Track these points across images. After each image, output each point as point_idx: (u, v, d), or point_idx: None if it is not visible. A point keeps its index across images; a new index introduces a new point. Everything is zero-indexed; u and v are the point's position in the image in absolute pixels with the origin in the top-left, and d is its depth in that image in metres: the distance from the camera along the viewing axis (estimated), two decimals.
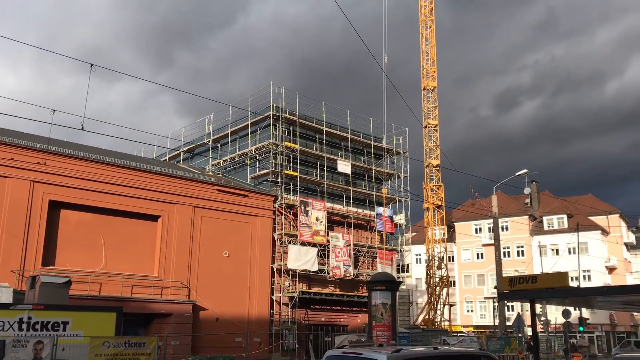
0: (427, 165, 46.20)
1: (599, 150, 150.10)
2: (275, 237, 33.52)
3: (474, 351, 13.38)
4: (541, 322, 41.33)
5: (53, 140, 26.57)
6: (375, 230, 38.75)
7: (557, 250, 59.61)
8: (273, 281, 32.98)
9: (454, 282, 62.21)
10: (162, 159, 42.45)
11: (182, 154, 42.05)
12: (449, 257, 57.76)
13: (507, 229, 61.15)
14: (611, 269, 59.20)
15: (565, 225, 60.52)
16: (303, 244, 33.81)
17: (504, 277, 17.71)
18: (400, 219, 40.84)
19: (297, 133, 35.85)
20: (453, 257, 63.98)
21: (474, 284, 63.83)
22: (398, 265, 40.31)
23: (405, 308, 39.27)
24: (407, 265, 47.38)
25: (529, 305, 15.00)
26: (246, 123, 36.29)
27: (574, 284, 44.86)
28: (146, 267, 28.32)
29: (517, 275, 17.78)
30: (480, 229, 64.41)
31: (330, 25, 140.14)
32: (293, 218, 34.53)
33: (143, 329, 26.75)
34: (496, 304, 43.45)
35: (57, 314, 15.23)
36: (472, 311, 63.53)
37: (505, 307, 40.92)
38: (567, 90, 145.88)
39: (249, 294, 31.47)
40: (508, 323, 37.64)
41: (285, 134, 35.27)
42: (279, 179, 34.18)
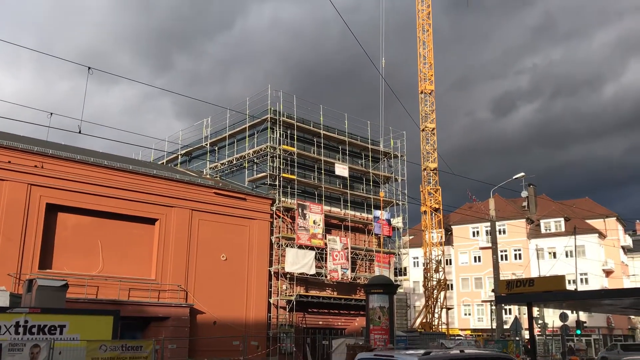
0: (425, 169, 46.31)
1: (597, 154, 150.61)
2: (273, 240, 33.50)
3: (498, 354, 13.66)
4: (538, 325, 41.32)
5: (50, 143, 26.59)
6: (372, 234, 38.75)
7: (554, 254, 59.72)
8: (270, 284, 32.94)
9: (452, 285, 62.26)
10: (159, 162, 42.43)
11: (180, 157, 42.02)
12: (447, 260, 57.73)
13: (504, 232, 61.25)
14: (608, 272, 59.35)
15: (563, 229, 60.63)
16: (300, 247, 33.79)
17: (502, 280, 17.71)
18: (397, 222, 40.87)
19: (295, 136, 35.87)
20: (450, 260, 64.02)
21: (471, 287, 63.86)
22: (395, 269, 40.32)
23: (402, 311, 39.29)
24: (405, 268, 47.47)
25: (526, 309, 15.03)
26: (244, 126, 36.31)
27: (571, 287, 44.96)
28: (143, 270, 28.26)
29: (515, 278, 17.79)
30: (478, 232, 64.49)
31: (328, 29, 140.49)
32: (290, 221, 34.52)
33: (140, 333, 26.67)
34: (494, 307, 43.46)
35: (54, 317, 15.19)
36: (469, 314, 63.55)
37: (503, 311, 40.95)
38: (565, 93, 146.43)
39: (246, 297, 31.42)
40: (505, 326, 37.63)
41: (282, 137, 35.30)
42: (277, 182, 34.18)
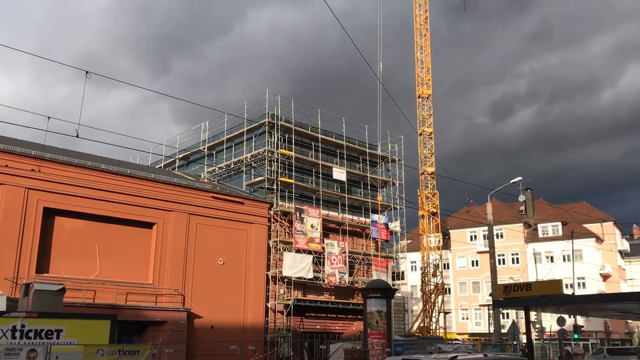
0: (422, 173, 46.37)
1: (594, 158, 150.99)
2: (271, 244, 33.48)
3: (518, 359, 13.91)
4: (536, 330, 41.29)
5: (48, 147, 26.55)
6: (370, 238, 38.77)
7: (551, 258, 59.76)
8: (268, 289, 32.90)
9: (449, 289, 62.22)
10: (157, 166, 42.41)
11: (178, 161, 42.02)
12: (444, 264, 57.78)
13: (502, 236, 61.31)
14: (605, 277, 59.38)
15: (560, 233, 60.69)
16: (298, 251, 33.78)
17: (499, 284, 17.72)
18: (395, 226, 40.91)
19: (293, 140, 35.91)
20: (448, 264, 64.03)
21: (469, 291, 63.86)
22: (393, 273, 40.33)
23: (400, 315, 39.22)
24: (403, 272, 47.44)
25: (523, 313, 15.05)
26: (242, 130, 36.33)
27: (568, 292, 44.90)
28: (141, 274, 28.20)
29: (512, 282, 17.81)
30: (475, 236, 64.53)
31: (326, 33, 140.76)
32: (288, 225, 34.52)
33: (137, 337, 26.61)
34: (491, 312, 43.47)
35: (51, 321, 15.12)
36: (467, 319, 63.52)
37: (501, 315, 40.93)
38: (563, 98, 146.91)
39: (243, 301, 31.37)
40: (503, 330, 37.68)
41: (280, 141, 35.32)
42: (274, 186, 34.19)
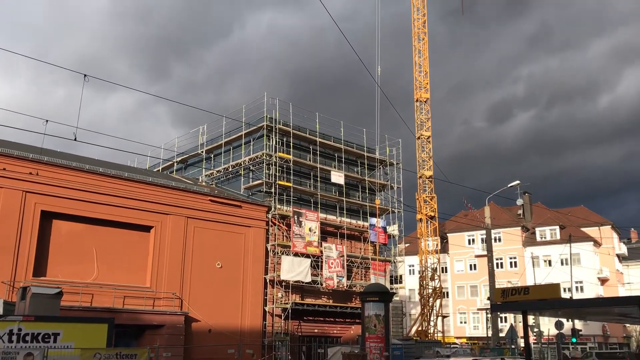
0: (420, 177, 46.40)
1: (592, 162, 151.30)
2: (269, 247, 33.45)
3: None
4: (534, 334, 41.29)
5: (46, 150, 26.50)
6: (368, 241, 38.74)
7: (549, 262, 59.79)
8: (266, 292, 32.86)
9: (447, 293, 62.19)
10: (155, 170, 42.38)
11: (176, 164, 42.00)
12: (442, 268, 57.72)
13: (499, 240, 61.32)
14: (603, 281, 59.43)
15: (558, 237, 60.74)
16: (296, 254, 33.75)
17: (497, 288, 17.73)
18: (393, 229, 40.91)
19: (291, 144, 35.91)
20: (446, 268, 63.99)
21: (467, 295, 63.82)
22: (391, 276, 40.32)
23: (398, 319, 39.18)
24: (401, 276, 47.39)
25: (521, 317, 15.05)
26: (240, 134, 36.34)
27: (566, 296, 44.99)
28: (138, 278, 28.16)
29: (510, 286, 17.81)
30: (473, 240, 64.54)
31: (325, 36, 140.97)
32: (286, 229, 34.49)
33: (135, 341, 26.54)
34: (489, 315, 43.45)
35: (48, 325, 15.08)
36: (465, 322, 63.47)
37: (499, 319, 40.94)
38: (561, 102, 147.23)
39: (241, 305, 31.31)
40: (501, 334, 37.65)
41: (278, 144, 35.35)
42: (273, 190, 34.18)
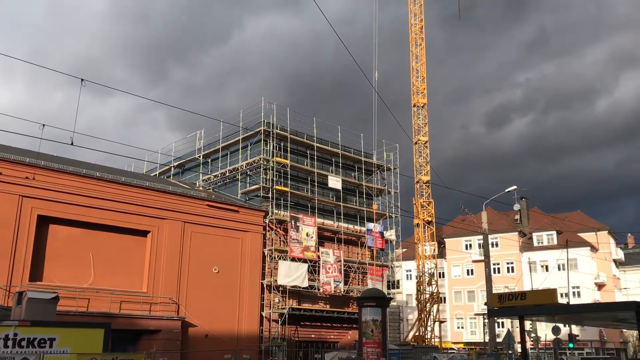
0: (418, 182, 46.40)
1: (589, 167, 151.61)
2: (266, 252, 33.41)
3: None
4: (531, 339, 41.26)
5: (42, 154, 26.49)
6: (365, 246, 38.74)
7: (546, 267, 59.80)
8: (263, 297, 32.80)
9: (444, 298, 62.13)
10: (152, 174, 42.34)
11: (173, 169, 41.96)
12: (439, 273, 57.70)
13: (497, 245, 61.32)
14: (600, 286, 59.45)
15: (555, 242, 60.77)
16: (293, 259, 33.71)
17: (494, 293, 17.74)
18: (390, 234, 40.89)
19: (288, 149, 35.94)
20: (443, 273, 63.94)
21: (464, 300, 63.76)
22: (388, 282, 40.26)
23: (395, 324, 39.17)
24: (398, 281, 47.32)
25: (518, 322, 15.06)
26: (237, 138, 36.35)
27: (563, 301, 45.01)
28: (135, 283, 28.09)
29: (507, 291, 17.83)
30: (471, 245, 64.52)
31: (323, 41, 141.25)
32: (283, 234, 34.46)
33: (131, 346, 26.45)
34: (486, 321, 43.42)
35: (44, 330, 15.00)
36: (462, 328, 63.37)
37: (496, 324, 40.90)
38: (558, 107, 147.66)
39: (238, 310, 31.25)
40: (498, 340, 37.56)
41: (276, 149, 35.36)
42: (270, 195, 34.17)
